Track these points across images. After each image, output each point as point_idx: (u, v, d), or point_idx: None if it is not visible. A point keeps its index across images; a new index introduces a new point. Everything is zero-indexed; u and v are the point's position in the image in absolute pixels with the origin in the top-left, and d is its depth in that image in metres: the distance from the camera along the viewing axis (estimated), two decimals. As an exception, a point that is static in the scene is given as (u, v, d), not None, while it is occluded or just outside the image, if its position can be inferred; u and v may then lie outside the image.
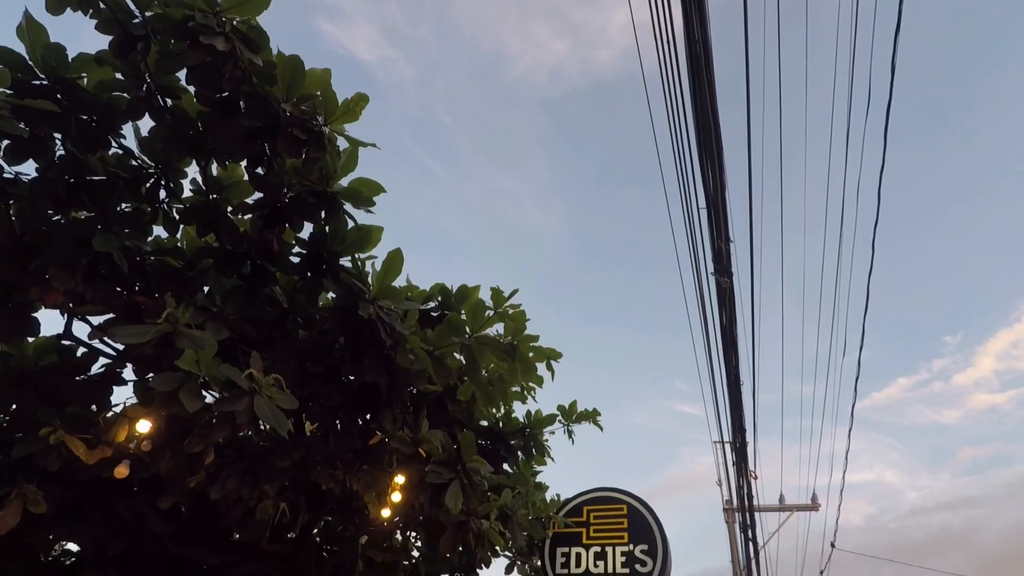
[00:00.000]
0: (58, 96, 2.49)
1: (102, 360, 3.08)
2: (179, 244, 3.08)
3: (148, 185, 2.81)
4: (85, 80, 2.56)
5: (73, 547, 4.34)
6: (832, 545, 15.02)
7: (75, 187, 2.65)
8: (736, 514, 16.51)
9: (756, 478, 9.13)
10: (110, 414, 3.01)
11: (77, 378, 3.06)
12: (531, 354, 2.85)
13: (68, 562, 4.25)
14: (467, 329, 2.77)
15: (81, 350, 3.02)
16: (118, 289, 2.80)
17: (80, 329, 2.99)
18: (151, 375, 2.19)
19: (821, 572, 17.38)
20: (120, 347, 2.98)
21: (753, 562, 12.96)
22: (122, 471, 2.70)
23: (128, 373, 3.10)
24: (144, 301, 2.69)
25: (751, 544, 10.49)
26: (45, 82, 2.44)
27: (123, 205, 2.87)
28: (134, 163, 2.76)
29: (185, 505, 3.69)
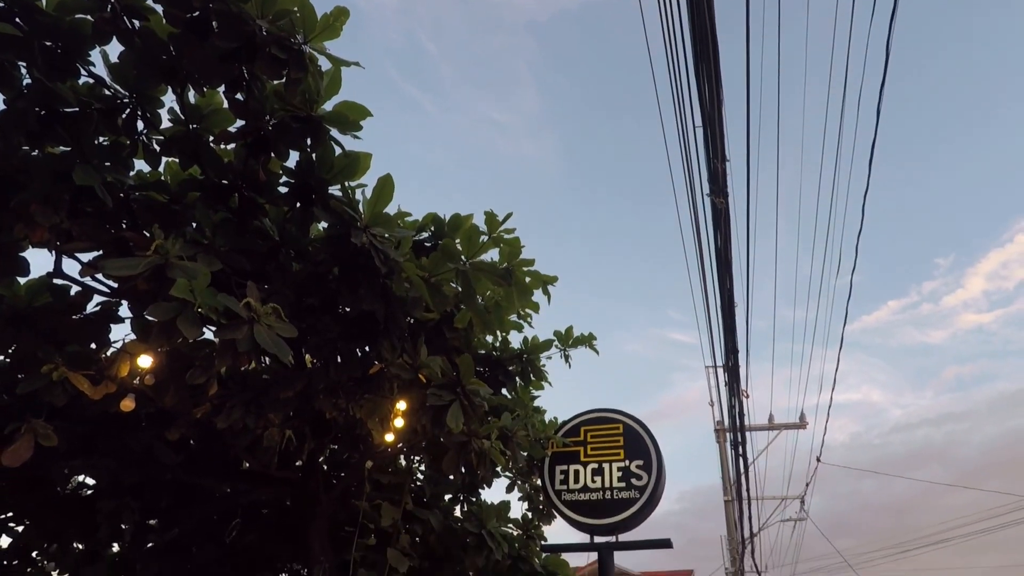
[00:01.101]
0: (17, 20, 2.35)
1: (97, 299, 3.07)
2: (163, 178, 3.00)
3: (124, 116, 2.70)
4: (44, 2, 2.41)
5: (89, 481, 4.51)
6: (818, 459, 15.72)
7: (48, 119, 2.55)
8: (727, 434, 17.17)
9: (747, 397, 9.43)
10: (110, 352, 3.04)
11: (74, 317, 3.06)
12: (527, 279, 2.85)
13: (85, 494, 4.42)
14: (462, 255, 2.75)
15: (75, 289, 3.00)
16: (105, 226, 2.75)
17: (71, 268, 2.98)
18: (147, 312, 2.18)
19: (807, 484, 18.28)
20: (114, 285, 2.97)
21: (743, 477, 13.59)
22: (128, 404, 2.75)
23: (124, 311, 3.11)
24: (132, 236, 2.65)
25: (741, 460, 10.97)
26: (1, 4, 2.29)
27: (101, 139, 2.78)
28: (107, 92, 2.64)
29: (193, 437, 3.80)
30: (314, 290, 3.06)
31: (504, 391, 4.12)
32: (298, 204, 2.73)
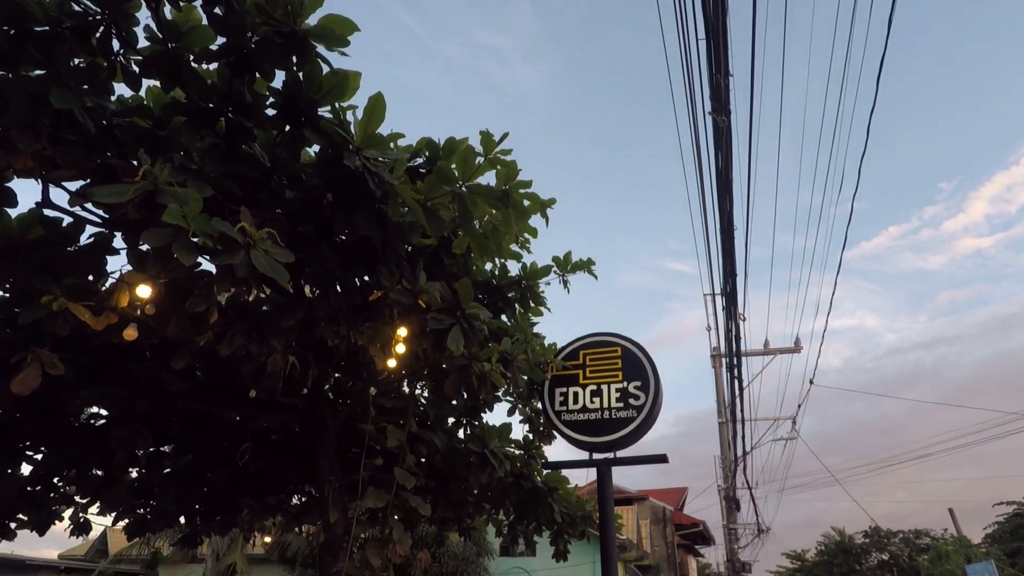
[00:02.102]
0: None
1: (90, 230, 3.04)
2: (145, 103, 2.89)
3: (98, 35, 2.57)
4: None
5: (103, 412, 4.63)
6: (811, 382, 16.19)
7: (19, 39, 2.43)
8: (723, 359, 17.57)
9: (744, 321, 9.57)
10: (108, 283, 3.04)
11: (68, 249, 3.04)
12: (525, 201, 2.81)
13: (98, 424, 4.55)
14: (458, 178, 2.69)
15: (66, 220, 2.96)
16: (90, 154, 2.68)
17: (59, 199, 2.92)
18: (142, 238, 2.15)
19: (798, 406, 18.92)
20: (105, 216, 2.92)
21: (737, 400, 14.03)
22: (131, 333, 2.77)
23: (118, 242, 3.08)
24: (119, 163, 2.59)
25: (736, 383, 11.28)
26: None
27: (76, 60, 2.65)
28: (77, 8, 2.49)
29: (199, 365, 3.86)
30: (309, 217, 3.02)
31: (503, 317, 4.16)
32: (287, 127, 2.65)
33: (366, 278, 3.37)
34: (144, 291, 2.71)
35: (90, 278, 3.04)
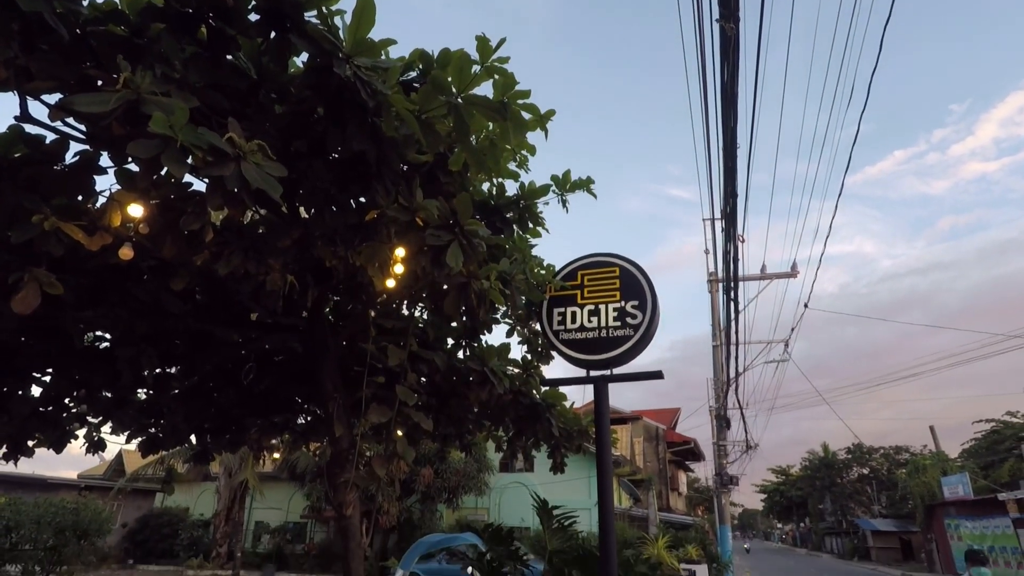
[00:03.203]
0: None
1: (75, 148, 2.95)
2: (120, 8, 2.72)
3: (62, -69, 2.38)
4: None
5: (107, 337, 4.69)
6: (805, 305, 16.41)
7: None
8: (720, 283, 17.70)
9: (743, 242, 9.56)
10: (99, 203, 2.98)
11: (54, 168, 2.96)
12: (523, 113, 2.71)
13: (102, 346, 4.61)
14: (453, 88, 2.58)
15: (50, 137, 2.87)
16: (66, 64, 2.55)
17: (39, 112, 2.81)
18: (128, 149, 2.08)
19: (792, 329, 19.25)
20: (89, 132, 2.82)
21: (733, 323, 14.25)
22: (126, 252, 2.75)
23: (105, 161, 2.99)
24: (97, 74, 2.47)
25: (732, 305, 11.40)
26: None
27: (41, -40, 2.47)
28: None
29: (198, 287, 3.87)
30: (300, 132, 2.92)
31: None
32: (272, 33, 2.51)
33: (362, 200, 3.32)
34: (136, 210, 2.67)
35: (79, 198, 2.99)
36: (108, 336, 4.52)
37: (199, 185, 2.85)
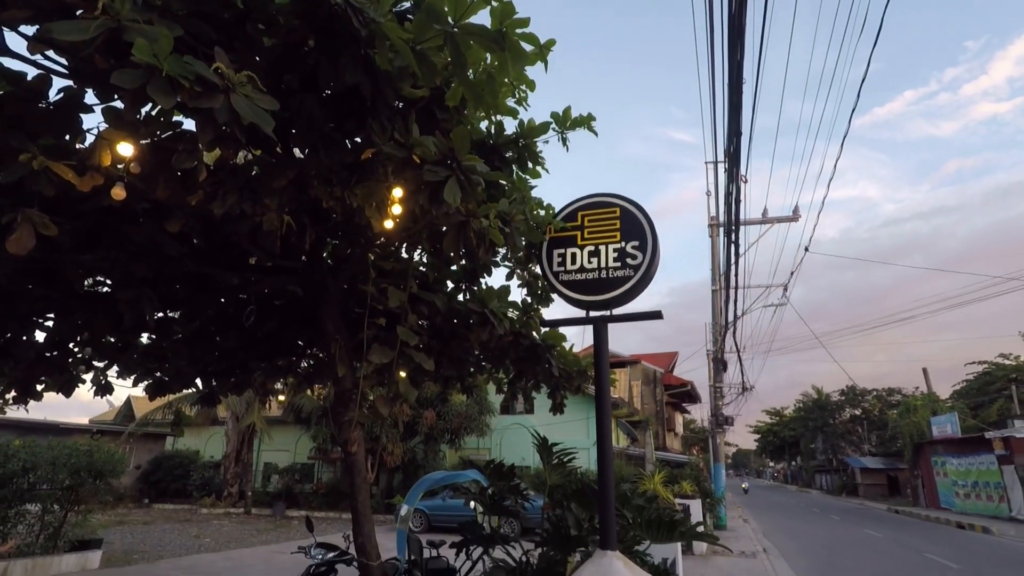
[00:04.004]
0: None
1: (59, 85, 2.85)
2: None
3: None
4: None
5: (108, 282, 4.69)
6: (806, 249, 16.38)
7: None
8: (721, 227, 17.61)
9: (746, 183, 9.43)
10: (87, 143, 2.91)
11: (38, 106, 2.87)
12: (522, 43, 2.60)
13: (103, 290, 4.62)
14: (449, 16, 2.47)
15: (32, 73, 2.77)
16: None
17: (18, 46, 2.71)
18: (113, 78, 2.00)
19: (791, 273, 19.27)
20: (71, 67, 2.72)
21: (733, 267, 14.27)
22: (118, 192, 2.70)
23: (90, 98, 2.90)
24: (75, 1, 2.35)
25: (733, 248, 11.37)
26: None
27: None
28: None
29: (195, 229, 3.83)
30: (291, 66, 2.82)
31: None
32: (257, -43, 2.38)
33: (358, 139, 3.24)
34: (126, 149, 2.61)
35: (67, 137, 2.92)
36: (108, 281, 4.52)
37: (190, 125, 2.79)
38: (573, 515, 4.66)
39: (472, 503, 7.11)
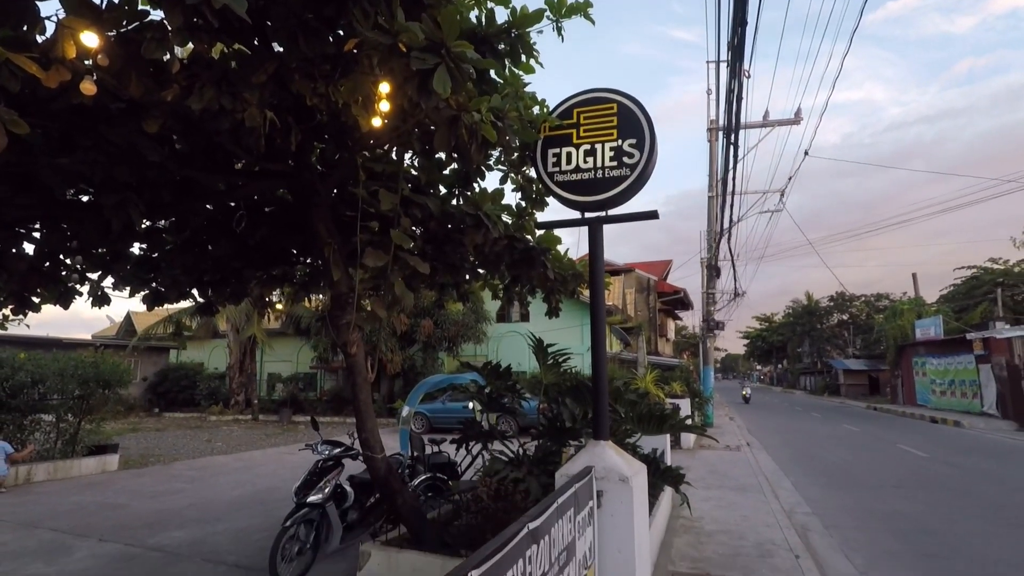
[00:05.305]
0: None
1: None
2: None
3: None
4: None
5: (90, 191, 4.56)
6: (806, 153, 16.07)
7: None
8: (720, 131, 17.15)
9: (749, 77, 9.06)
10: (47, 35, 2.72)
11: (-11, -8, 2.65)
12: (512, -89, 2.37)
13: (87, 199, 4.51)
14: None
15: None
16: None
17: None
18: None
19: (789, 178, 19.05)
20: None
21: (732, 171, 14.03)
22: (88, 87, 2.55)
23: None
24: None
25: (732, 149, 11.12)
26: None
27: None
28: None
29: (174, 131, 3.68)
30: (261, -57, 2.58)
31: (492, 74, 3.86)
32: None
33: (340, 32, 3.03)
34: (91, 39, 2.45)
35: (24, 28, 2.72)
36: (91, 189, 4.40)
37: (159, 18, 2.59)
38: (568, 409, 4.86)
39: (471, 403, 7.40)
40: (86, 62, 2.63)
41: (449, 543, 4.52)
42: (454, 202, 4.87)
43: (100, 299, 5.57)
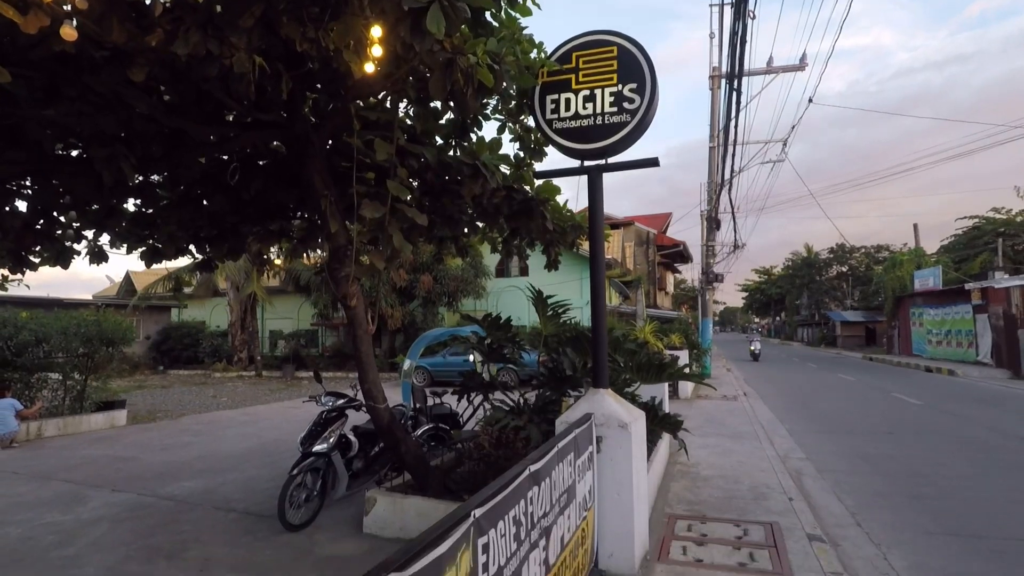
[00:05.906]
0: None
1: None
2: None
3: None
4: None
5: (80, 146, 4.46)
6: (810, 100, 15.72)
7: None
8: (722, 79, 16.73)
9: (754, 18, 8.76)
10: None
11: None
12: None
13: (76, 154, 4.43)
14: None
15: None
16: None
17: None
18: None
19: (792, 127, 18.69)
20: None
21: (732, 120, 13.75)
22: (68, 32, 2.46)
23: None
24: None
25: (735, 96, 10.87)
26: None
27: None
28: None
29: (163, 80, 3.58)
30: None
31: (488, 16, 3.72)
32: None
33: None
34: (67, -20, 2.35)
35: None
36: (81, 144, 4.31)
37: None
38: (568, 359, 4.91)
39: (472, 355, 7.48)
40: (65, 7, 2.54)
41: (452, 489, 4.65)
42: (451, 152, 4.79)
43: (97, 256, 5.55)
